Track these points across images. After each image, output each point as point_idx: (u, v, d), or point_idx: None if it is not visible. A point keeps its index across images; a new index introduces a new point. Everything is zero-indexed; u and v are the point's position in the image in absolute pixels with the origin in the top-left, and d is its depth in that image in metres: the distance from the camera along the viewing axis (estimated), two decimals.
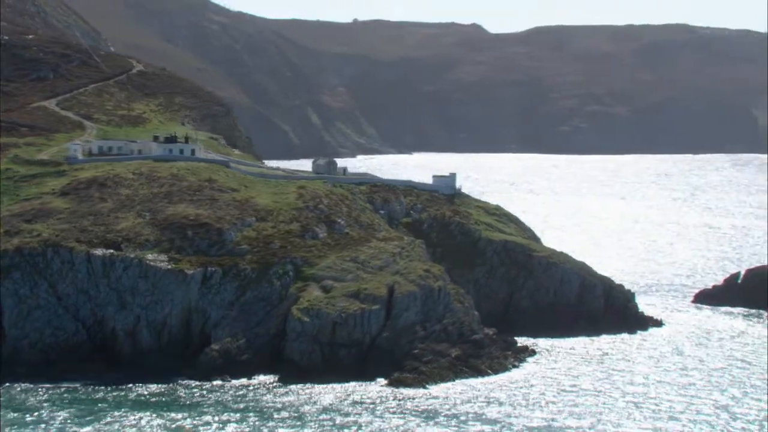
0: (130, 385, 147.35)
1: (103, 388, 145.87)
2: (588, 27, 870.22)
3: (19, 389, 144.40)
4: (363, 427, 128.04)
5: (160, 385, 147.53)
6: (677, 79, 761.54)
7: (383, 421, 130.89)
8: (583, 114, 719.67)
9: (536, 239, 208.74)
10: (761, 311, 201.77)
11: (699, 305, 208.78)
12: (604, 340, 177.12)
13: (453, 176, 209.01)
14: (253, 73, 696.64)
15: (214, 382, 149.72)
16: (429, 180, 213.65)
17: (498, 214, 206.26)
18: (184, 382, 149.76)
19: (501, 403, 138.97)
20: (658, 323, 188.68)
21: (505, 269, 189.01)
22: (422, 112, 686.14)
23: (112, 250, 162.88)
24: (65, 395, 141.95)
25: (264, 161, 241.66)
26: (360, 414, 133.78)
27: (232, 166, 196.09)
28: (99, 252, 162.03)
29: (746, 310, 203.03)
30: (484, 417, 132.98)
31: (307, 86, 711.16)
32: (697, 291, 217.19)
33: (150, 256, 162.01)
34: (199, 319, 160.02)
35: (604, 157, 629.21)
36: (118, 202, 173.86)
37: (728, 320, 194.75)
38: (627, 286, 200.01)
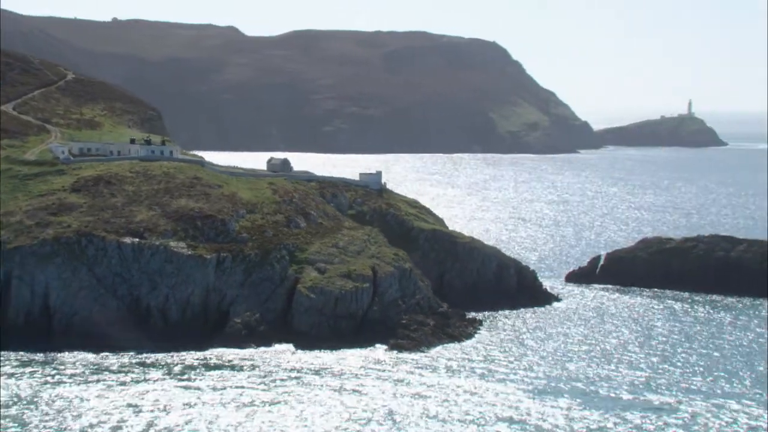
0: (174, 352, 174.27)
1: (152, 355, 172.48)
2: (341, 32, 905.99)
3: (76, 357, 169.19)
4: (396, 380, 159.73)
5: (200, 352, 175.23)
6: (423, 83, 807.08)
7: (410, 375, 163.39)
8: (343, 115, 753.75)
9: (445, 227, 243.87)
10: (622, 287, 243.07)
11: (572, 283, 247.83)
12: (526, 312, 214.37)
13: (379, 174, 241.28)
14: None
15: (245, 350, 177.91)
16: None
17: (418, 206, 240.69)
18: (219, 349, 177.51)
19: (484, 359, 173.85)
20: (558, 298, 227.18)
21: (435, 254, 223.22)
22: (193, 112, 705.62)
23: (137, 239, 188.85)
24: (124, 360, 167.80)
25: None
26: (383, 371, 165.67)
27: (206, 165, 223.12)
28: (128, 240, 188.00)
29: (612, 286, 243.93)
30: (475, 369, 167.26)
31: None
32: (567, 272, 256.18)
33: (172, 244, 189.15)
34: (216, 297, 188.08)
35: (367, 156, 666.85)
36: (127, 197, 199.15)
37: (606, 294, 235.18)
38: None
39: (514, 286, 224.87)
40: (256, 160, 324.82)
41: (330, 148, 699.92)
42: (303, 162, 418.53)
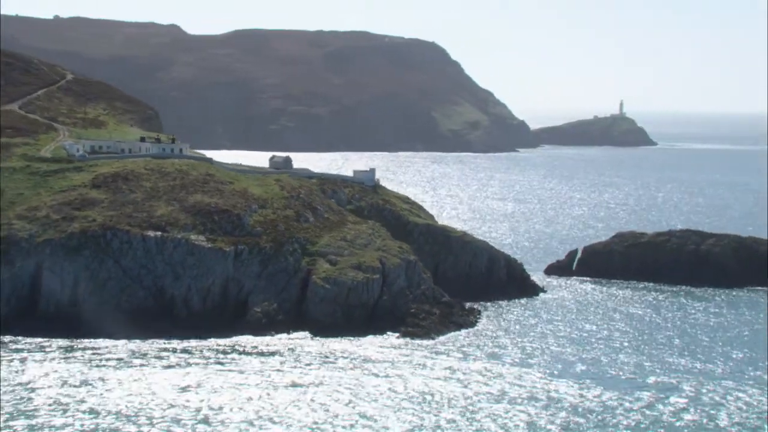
0: (201, 339, 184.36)
1: (181, 341, 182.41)
2: (284, 31, 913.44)
3: (112, 344, 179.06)
4: (417, 364, 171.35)
5: (225, 339, 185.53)
6: (366, 82, 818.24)
7: (428, 359, 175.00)
8: (289, 114, 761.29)
9: (435, 222, 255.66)
10: (599, 279, 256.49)
11: (552, 275, 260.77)
12: (517, 302, 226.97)
13: (373, 171, 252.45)
14: None
15: (266, 337, 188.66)
16: None
17: (410, 202, 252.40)
18: (242, 336, 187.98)
19: (493, 345, 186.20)
20: (543, 290, 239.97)
21: (429, 247, 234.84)
22: None
23: (160, 232, 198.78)
24: (159, 346, 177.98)
25: None
26: (406, 355, 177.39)
27: (215, 162, 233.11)
28: (151, 233, 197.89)
29: (590, 278, 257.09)
30: (488, 354, 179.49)
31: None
32: (545, 265, 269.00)
33: (193, 237, 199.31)
34: (235, 287, 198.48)
35: (314, 154, 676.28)
36: (146, 193, 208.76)
37: (587, 285, 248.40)
38: None
39: (504, 278, 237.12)
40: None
41: (277, 147, 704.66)
42: (253, 161, 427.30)
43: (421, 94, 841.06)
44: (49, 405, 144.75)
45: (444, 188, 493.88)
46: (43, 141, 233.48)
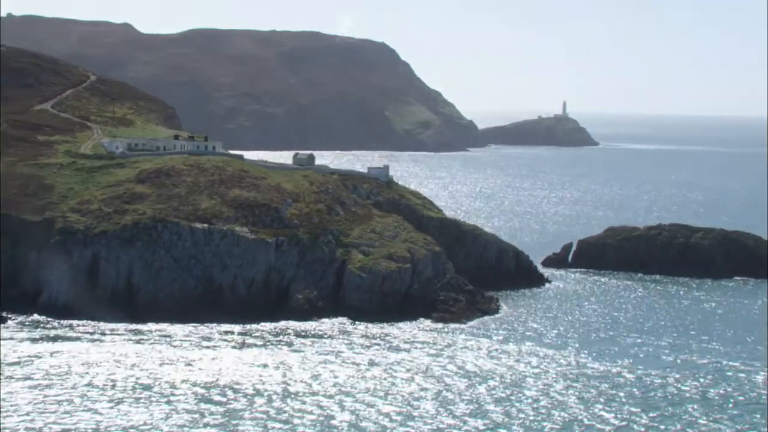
0: (251, 324, 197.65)
1: (233, 326, 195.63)
2: (237, 31, 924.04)
3: (172, 328, 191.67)
4: (460, 346, 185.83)
5: (275, 323, 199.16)
6: (320, 82, 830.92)
7: (468, 340, 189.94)
8: (246, 113, 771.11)
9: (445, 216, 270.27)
10: (596, 270, 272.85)
11: (550, 267, 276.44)
12: (528, 291, 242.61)
13: (387, 167, 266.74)
14: None
15: (309, 322, 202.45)
16: None
17: (422, 197, 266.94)
18: (288, 321, 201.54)
19: (524, 328, 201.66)
20: (548, 280, 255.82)
21: (443, 239, 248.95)
22: None
23: (206, 224, 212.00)
24: (221, 329, 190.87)
25: None
26: (438, 338, 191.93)
27: (246, 158, 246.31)
28: (198, 225, 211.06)
29: (586, 269, 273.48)
30: (521, 336, 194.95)
31: None
32: (542, 258, 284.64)
33: (237, 228, 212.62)
34: (277, 276, 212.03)
35: (271, 153, 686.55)
36: (188, 188, 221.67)
37: (586, 276, 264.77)
38: None
39: (512, 269, 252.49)
40: None
41: (234, 146, 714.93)
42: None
43: (374, 94, 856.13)
44: (156, 380, 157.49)
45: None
46: (81, 139, 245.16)
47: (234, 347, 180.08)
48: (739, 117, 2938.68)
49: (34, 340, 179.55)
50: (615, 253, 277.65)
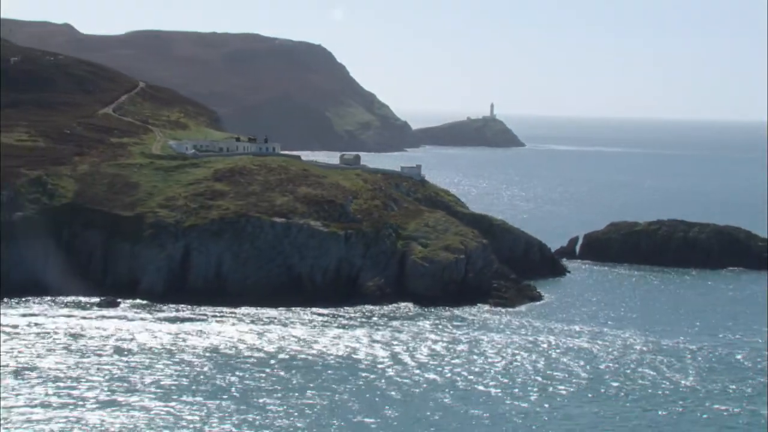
0: (333, 308, 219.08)
1: (319, 309, 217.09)
2: (180, 33, 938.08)
3: (265, 312, 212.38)
4: (530, 327, 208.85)
5: (353, 307, 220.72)
6: (264, 83, 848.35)
7: (533, 322, 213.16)
8: None
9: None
10: (602, 262, 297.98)
11: (561, 260, 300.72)
12: (553, 280, 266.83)
13: (419, 167, 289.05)
14: None
15: (382, 307, 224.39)
16: None
17: (451, 195, 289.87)
18: (363, 306, 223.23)
19: (576, 311, 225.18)
20: (568, 271, 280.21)
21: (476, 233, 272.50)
22: None
23: (284, 219, 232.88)
24: (304, 313, 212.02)
25: None
26: (496, 320, 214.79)
27: (303, 158, 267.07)
28: (278, 220, 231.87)
29: (593, 262, 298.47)
30: (579, 317, 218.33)
31: None
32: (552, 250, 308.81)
33: (312, 223, 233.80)
34: (347, 266, 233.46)
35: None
36: (261, 185, 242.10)
37: (596, 268, 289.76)
38: None
39: (538, 261, 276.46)
40: None
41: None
42: None
43: (315, 95, 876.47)
44: (278, 354, 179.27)
45: None
46: (148, 141, 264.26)
47: (338, 327, 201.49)
48: (645, 119, 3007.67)
49: (170, 321, 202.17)
50: (619, 246, 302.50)
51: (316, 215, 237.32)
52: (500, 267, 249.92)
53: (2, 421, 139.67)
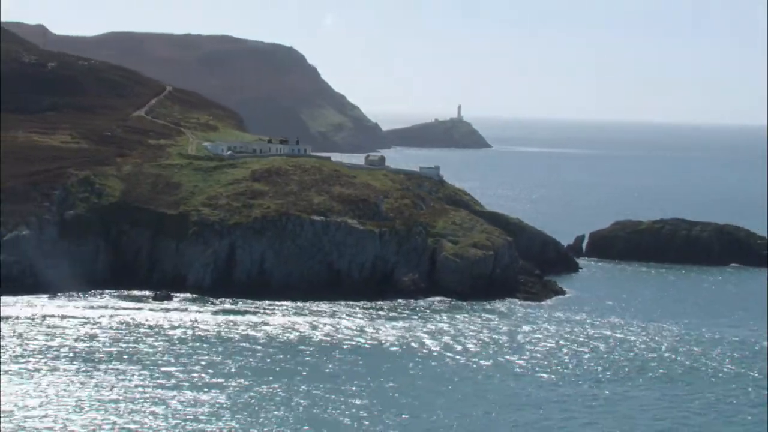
0: (373, 301, 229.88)
1: (357, 302, 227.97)
2: (155, 35, 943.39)
3: (306, 305, 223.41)
4: (562, 319, 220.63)
5: (390, 301, 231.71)
6: (238, 85, 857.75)
7: (565, 314, 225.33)
8: None
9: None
10: (609, 259, 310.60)
11: None
12: (570, 276, 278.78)
13: (438, 167, 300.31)
14: None
15: (418, 300, 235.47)
16: None
17: (467, 194, 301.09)
18: (400, 300, 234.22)
19: (604, 305, 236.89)
20: (580, 267, 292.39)
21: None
22: None
23: (323, 217, 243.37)
24: (349, 306, 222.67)
25: None
26: (530, 313, 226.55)
27: (333, 159, 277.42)
28: (317, 218, 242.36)
29: (599, 259, 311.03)
30: (608, 310, 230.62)
31: None
32: None
33: (349, 221, 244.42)
34: (381, 262, 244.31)
35: None
36: (297, 185, 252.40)
37: (603, 264, 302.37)
38: None
39: (553, 257, 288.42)
40: None
41: None
42: None
43: (289, 97, 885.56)
44: (342, 343, 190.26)
45: None
46: (182, 142, 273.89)
47: (387, 319, 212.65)
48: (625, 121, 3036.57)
49: (226, 312, 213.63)
50: (624, 244, 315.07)
51: (352, 214, 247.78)
52: (525, 263, 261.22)
53: (125, 401, 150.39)
